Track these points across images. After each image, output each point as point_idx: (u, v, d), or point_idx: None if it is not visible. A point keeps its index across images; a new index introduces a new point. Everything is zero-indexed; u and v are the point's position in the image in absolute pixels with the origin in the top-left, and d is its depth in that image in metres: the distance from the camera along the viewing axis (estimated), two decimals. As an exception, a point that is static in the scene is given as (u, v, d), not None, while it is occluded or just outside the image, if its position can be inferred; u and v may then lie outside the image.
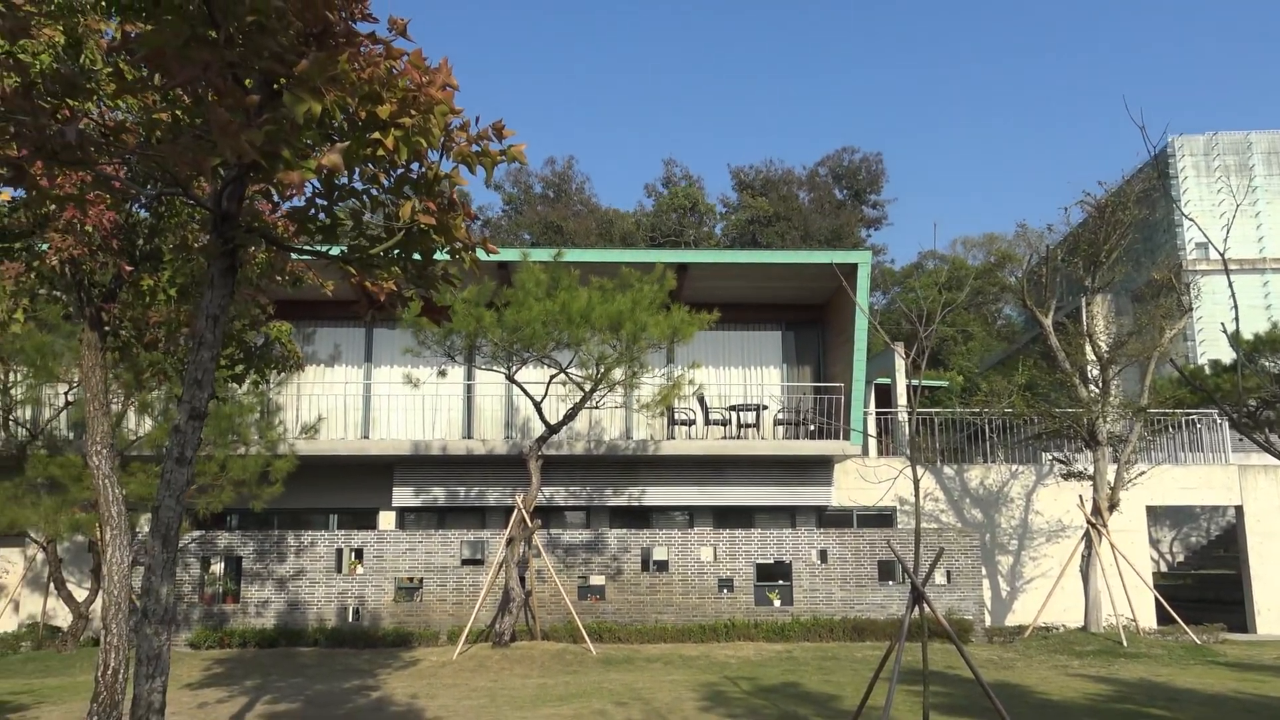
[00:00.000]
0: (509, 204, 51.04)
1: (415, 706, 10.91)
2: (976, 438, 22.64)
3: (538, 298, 15.38)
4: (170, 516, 4.28)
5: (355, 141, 4.18)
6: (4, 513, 15.19)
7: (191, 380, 4.38)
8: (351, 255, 4.70)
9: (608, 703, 10.99)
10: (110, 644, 7.79)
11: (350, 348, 21.32)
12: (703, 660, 14.49)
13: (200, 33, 4.05)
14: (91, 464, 8.28)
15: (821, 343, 21.89)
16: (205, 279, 4.46)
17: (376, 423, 20.81)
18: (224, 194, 4.43)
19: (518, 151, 4.54)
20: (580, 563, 17.54)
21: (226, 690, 12.22)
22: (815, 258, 19.80)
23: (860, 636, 16.68)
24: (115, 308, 8.46)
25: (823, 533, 18.14)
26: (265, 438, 17.09)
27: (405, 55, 4.24)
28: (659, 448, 19.06)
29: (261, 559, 17.21)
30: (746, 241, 46.74)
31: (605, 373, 15.88)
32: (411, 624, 16.95)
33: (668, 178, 52.67)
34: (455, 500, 19.49)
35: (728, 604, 17.43)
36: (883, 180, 52.37)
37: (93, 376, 8.22)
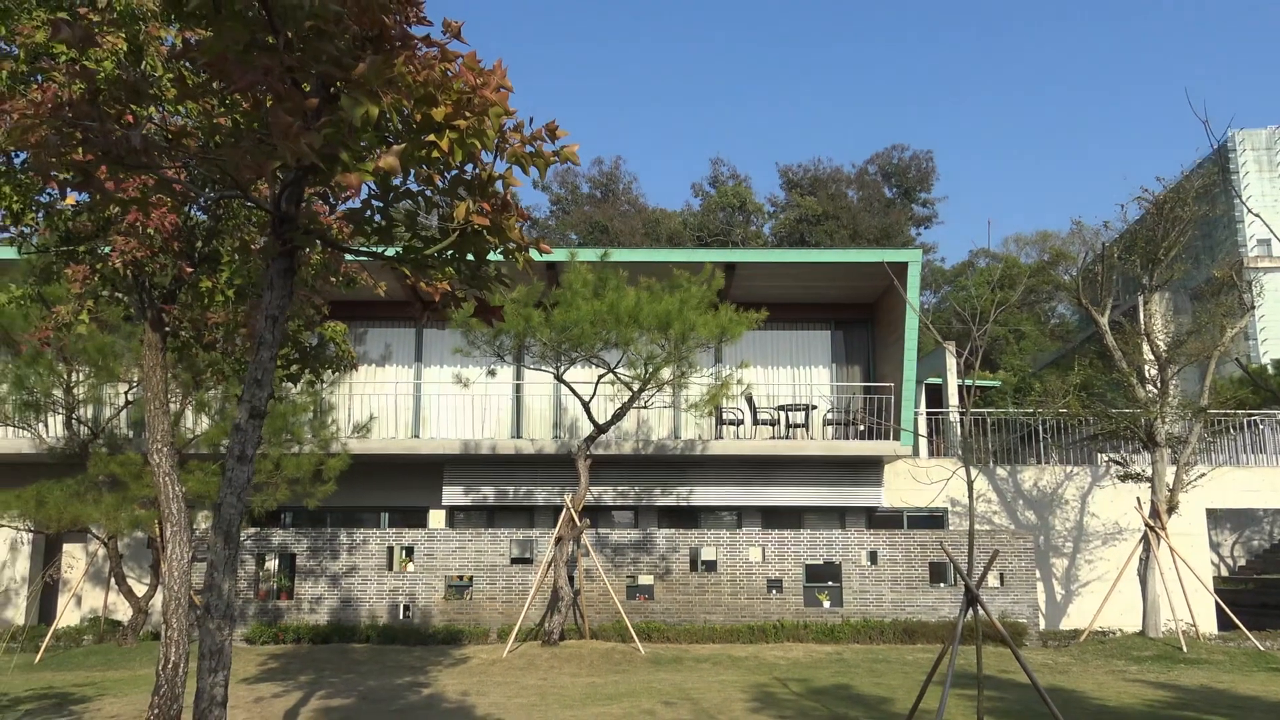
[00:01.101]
0: (556, 204, 51.27)
1: (466, 704, 11.00)
2: (1030, 438, 22.29)
3: (585, 298, 15.43)
4: (232, 514, 4.36)
5: (411, 143, 4.22)
6: (67, 510, 15.55)
7: (251, 379, 4.45)
8: (407, 256, 4.75)
9: (656, 702, 10.99)
10: (171, 638, 7.96)
11: (401, 348, 21.55)
12: (752, 661, 14.44)
13: (260, 38, 4.13)
14: (152, 462, 8.47)
15: (871, 342, 21.70)
16: (265, 280, 4.54)
17: (427, 422, 21.01)
18: (283, 196, 4.50)
19: (570, 152, 4.55)
20: (628, 562, 17.57)
21: (282, 685, 12.41)
22: (865, 256, 19.64)
23: (911, 639, 16.51)
24: (175, 309, 8.65)
25: (873, 534, 17.98)
26: (319, 436, 17.34)
27: (460, 57, 4.28)
28: (707, 448, 19.02)
29: (315, 556, 17.47)
30: (795, 241, 46.49)
31: (653, 372, 15.88)
32: (461, 622, 17.09)
33: (715, 177, 52.56)
34: (504, 499, 19.62)
35: (777, 605, 17.35)
36: (933, 178, 51.82)
37: (153, 376, 8.40)
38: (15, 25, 7.37)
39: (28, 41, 7.29)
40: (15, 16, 7.42)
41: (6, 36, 7.62)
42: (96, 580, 19.20)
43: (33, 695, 11.71)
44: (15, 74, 7.44)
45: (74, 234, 8.19)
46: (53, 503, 15.40)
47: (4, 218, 7.96)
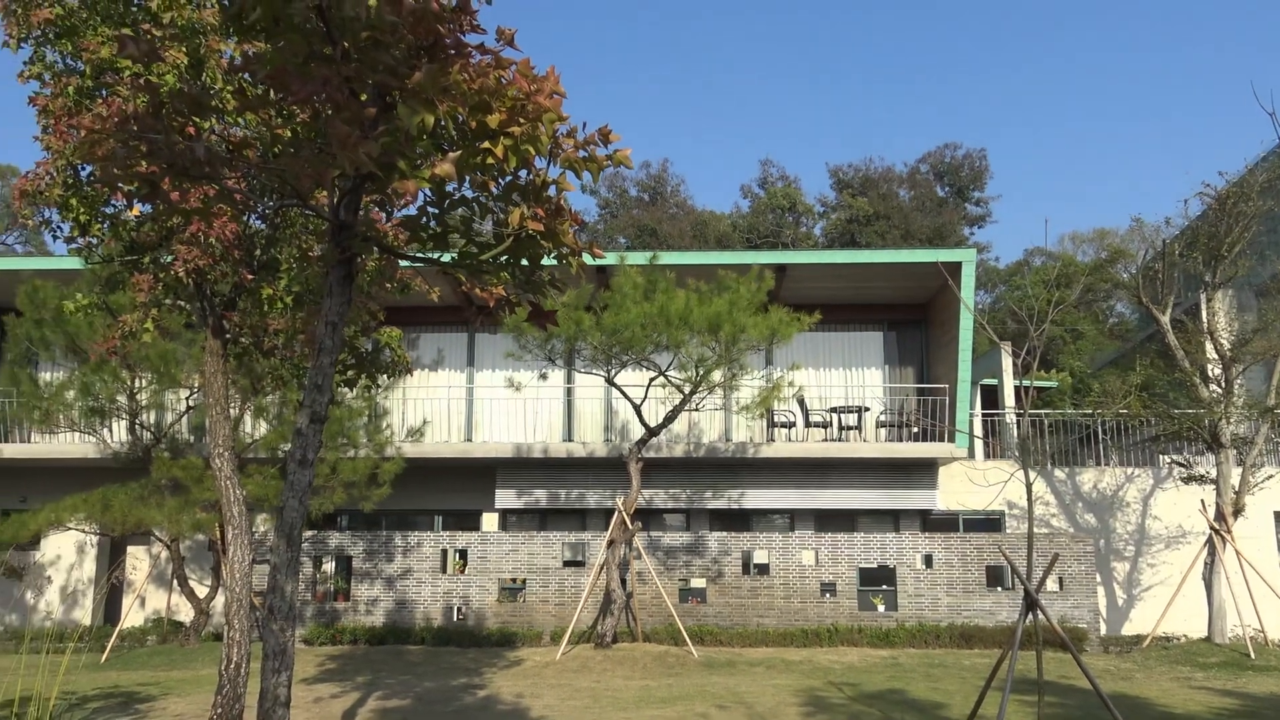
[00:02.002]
0: (604, 208, 51.43)
1: (521, 706, 11.07)
2: (1089, 440, 21.88)
3: (635, 301, 15.45)
4: (294, 516, 4.44)
5: (466, 150, 4.27)
6: (131, 513, 15.93)
7: (312, 385, 4.53)
8: (462, 261, 4.80)
9: (710, 706, 10.97)
10: (233, 639, 8.11)
11: (453, 352, 21.76)
12: (805, 665, 14.35)
13: (318, 50, 4.20)
14: (214, 466, 8.65)
15: (924, 343, 21.46)
16: (324, 287, 4.62)
17: (479, 426, 21.18)
18: (341, 204, 4.58)
19: (624, 156, 4.57)
20: (680, 565, 17.55)
21: (339, 686, 12.59)
22: (918, 256, 19.43)
23: (968, 644, 16.28)
24: (235, 316, 8.82)
25: (928, 537, 17.77)
26: (373, 441, 17.58)
27: (513, 64, 4.32)
28: (759, 450, 18.95)
29: (371, 558, 17.70)
30: (846, 241, 46.13)
31: (704, 375, 15.86)
32: (515, 624, 17.20)
33: (764, 178, 52.35)
34: (556, 502, 19.72)
35: (830, 608, 17.22)
36: (986, 176, 51.09)
37: (215, 382, 8.58)
38: (81, 42, 7.58)
39: (93, 58, 7.50)
40: (81, 34, 7.63)
41: (73, 53, 7.85)
42: (160, 582, 19.64)
43: (100, 694, 12.00)
44: (81, 89, 7.66)
45: (138, 244, 8.39)
46: (117, 506, 15.79)
47: (71, 229, 8.19)
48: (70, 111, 7.47)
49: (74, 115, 7.42)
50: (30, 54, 8.00)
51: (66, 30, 7.71)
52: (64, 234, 8.16)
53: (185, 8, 7.20)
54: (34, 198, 7.79)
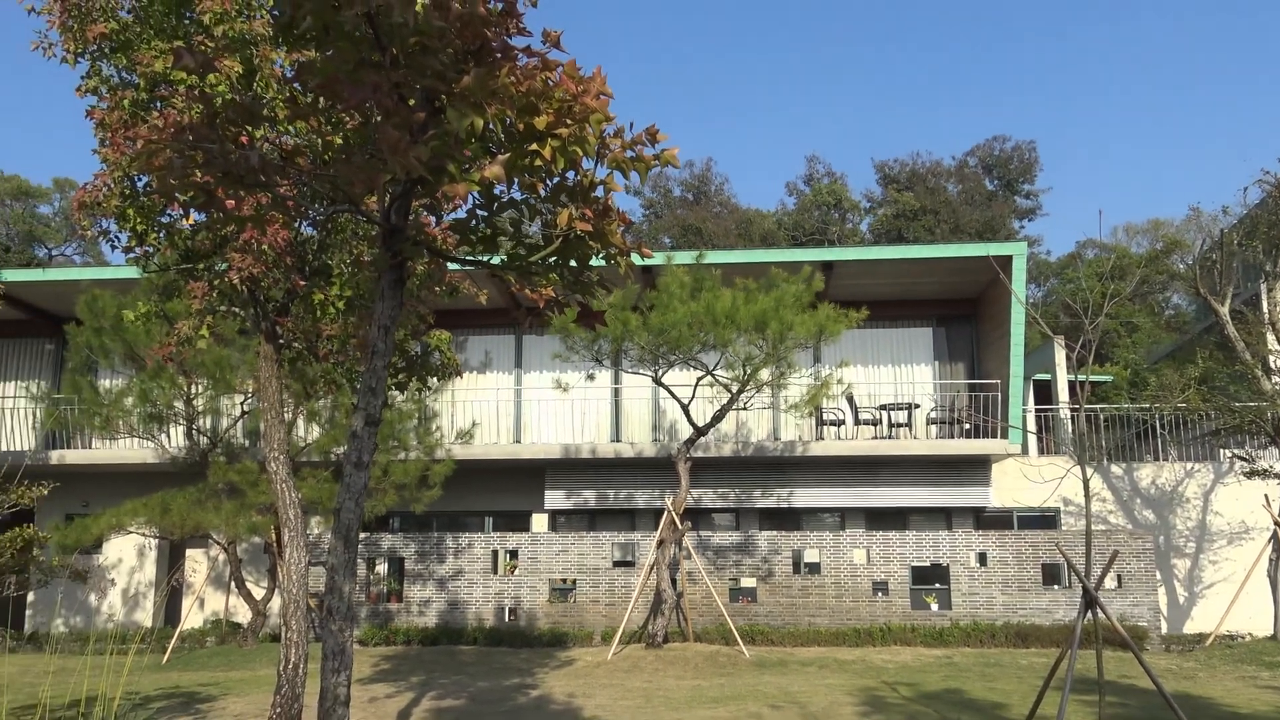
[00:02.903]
0: (649, 208, 51.43)
1: (573, 705, 11.11)
2: (1147, 435, 21.45)
3: (682, 300, 15.44)
4: (350, 518, 4.49)
5: (514, 153, 4.29)
6: (189, 516, 16.23)
7: (366, 388, 4.58)
8: (511, 263, 4.83)
9: (763, 706, 10.92)
10: (290, 639, 8.23)
11: (501, 354, 21.90)
12: (858, 665, 14.23)
13: (367, 57, 4.25)
14: (270, 469, 8.78)
15: (975, 338, 21.19)
16: (376, 291, 4.67)
17: (527, 427, 21.29)
18: (392, 209, 4.62)
19: (671, 155, 4.57)
20: (730, 565, 17.50)
21: (394, 686, 12.72)
22: (967, 251, 19.18)
23: (1024, 643, 16.04)
24: (288, 321, 8.95)
25: (981, 535, 17.55)
26: (424, 443, 17.74)
27: (560, 66, 4.33)
28: (807, 448, 18.83)
29: (422, 560, 17.87)
30: (893, 237, 45.69)
31: (752, 373, 15.80)
32: (566, 624, 17.27)
33: (810, 175, 52.01)
34: (605, 503, 19.76)
35: (882, 607, 17.06)
36: (1036, 169, 50.29)
37: (269, 387, 8.72)
38: (136, 56, 7.74)
39: (147, 70, 7.66)
40: (136, 47, 7.79)
41: (128, 67, 8.02)
42: (217, 584, 20.00)
43: (162, 694, 12.25)
44: (137, 102, 7.82)
45: (193, 252, 8.55)
46: (176, 510, 16.10)
47: (129, 239, 8.37)
48: (126, 124, 7.63)
49: (130, 127, 7.58)
50: (87, 68, 8.19)
51: (121, 44, 7.88)
52: (121, 244, 8.35)
53: (236, 20, 7.33)
54: (92, 209, 7.97)
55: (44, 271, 22.08)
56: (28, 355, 22.61)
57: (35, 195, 47.17)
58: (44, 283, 20.59)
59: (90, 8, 7.64)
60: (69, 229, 47.44)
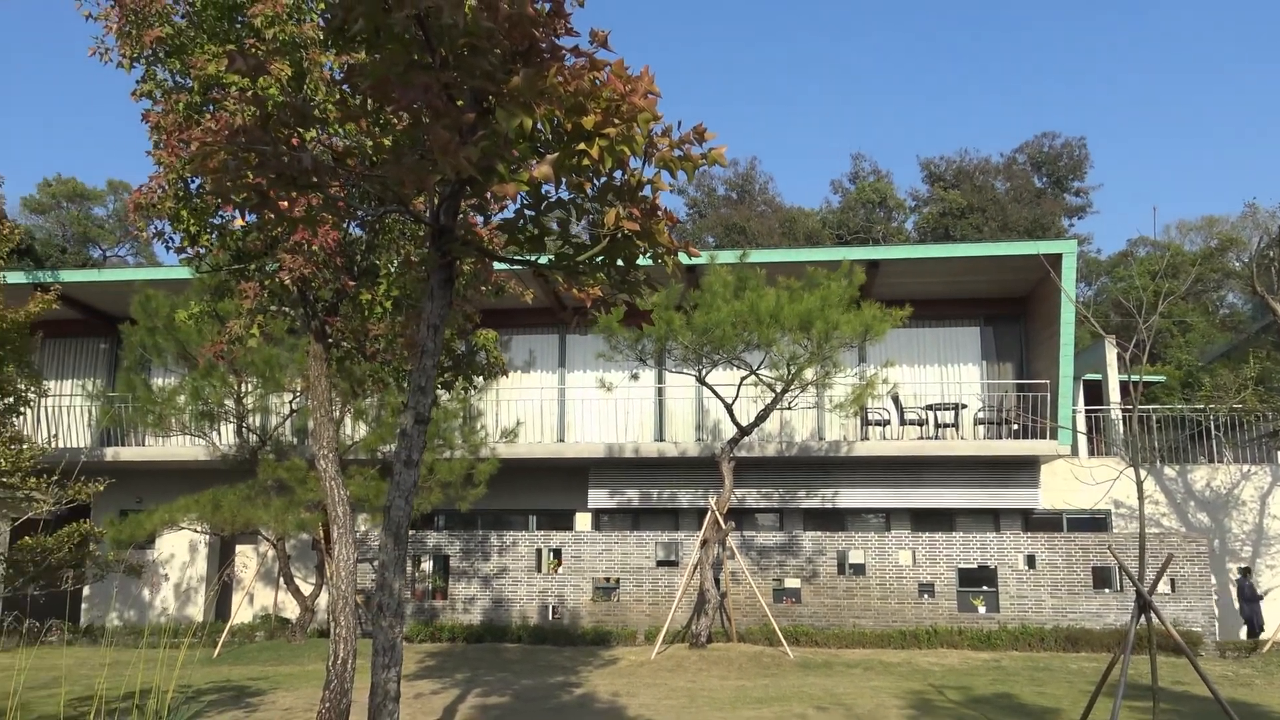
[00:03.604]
0: (692, 207, 51.35)
1: (617, 704, 11.12)
2: (1201, 436, 21.02)
3: (725, 299, 15.40)
4: (400, 516, 4.53)
5: (563, 152, 4.30)
6: (239, 513, 16.48)
7: (415, 387, 4.62)
8: (558, 263, 4.84)
9: (808, 707, 10.85)
10: (339, 635, 8.32)
11: (544, 354, 21.98)
12: (905, 667, 14.10)
13: (418, 58, 4.28)
14: (319, 467, 8.88)
15: (1024, 337, 20.89)
16: (425, 290, 4.71)
17: (571, 426, 21.35)
18: (441, 209, 4.66)
19: (719, 154, 4.56)
20: (774, 565, 17.42)
21: (439, 682, 12.83)
22: (1016, 249, 18.91)
23: (1074, 647, 15.79)
24: (337, 321, 9.05)
25: (1030, 537, 17.31)
26: (469, 442, 17.86)
27: (608, 66, 4.34)
28: (852, 449, 18.69)
29: (467, 558, 18.00)
30: (939, 235, 45.20)
31: (796, 373, 15.72)
32: (609, 623, 17.30)
33: (855, 173, 51.63)
34: (648, 502, 19.76)
35: (929, 610, 16.89)
36: (1086, 166, 49.52)
37: (319, 385, 8.82)
38: (189, 60, 7.88)
39: (200, 74, 7.78)
40: (189, 51, 7.93)
41: (182, 71, 8.16)
42: (267, 580, 20.30)
43: (213, 687, 12.46)
44: (190, 105, 7.96)
45: (244, 253, 8.68)
46: (226, 506, 16.35)
47: (182, 240, 8.51)
48: (180, 127, 7.76)
49: (184, 130, 7.72)
50: (142, 73, 8.34)
51: (176, 49, 8.02)
52: (175, 245, 8.49)
53: (287, 23, 7.43)
54: (147, 210, 8.11)
55: (99, 272, 22.54)
56: (84, 354, 23.10)
57: (90, 197, 48.20)
58: (99, 283, 21.03)
59: (146, 13, 7.78)
60: (122, 230, 48.41)
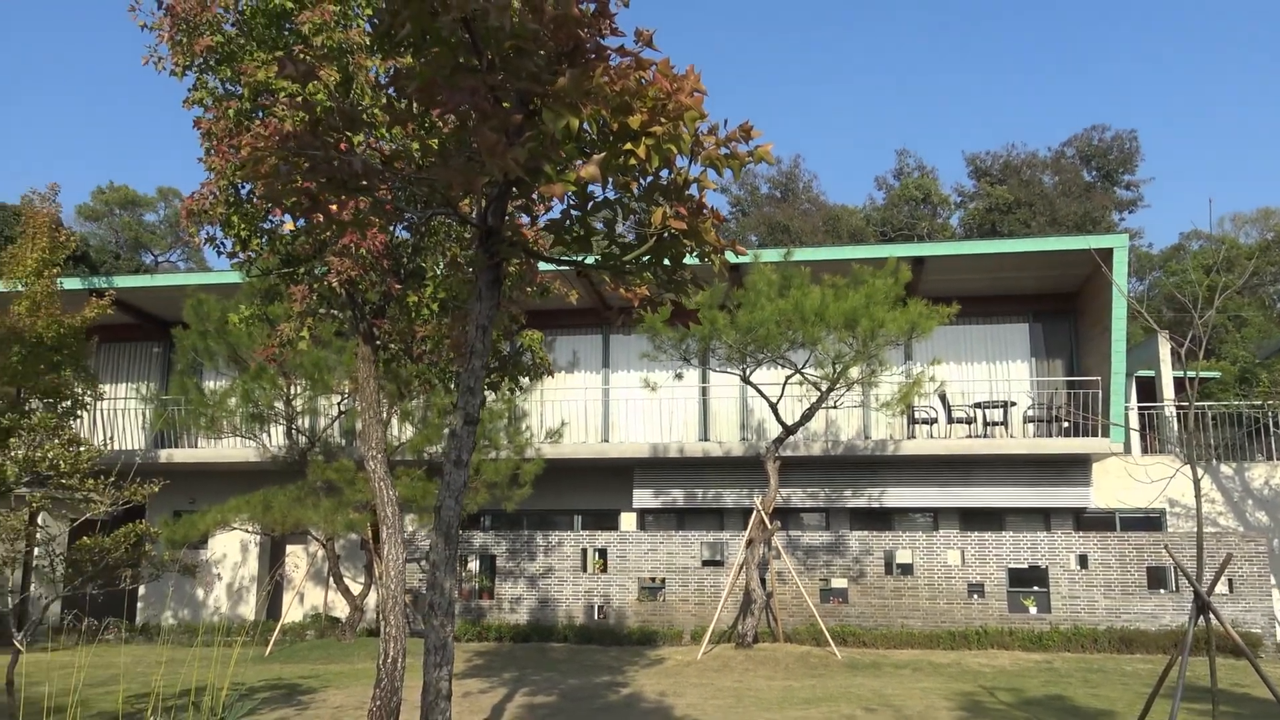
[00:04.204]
0: (735, 206, 51.21)
1: (664, 704, 11.11)
2: (1259, 433, 20.54)
3: (770, 298, 15.34)
4: (450, 515, 4.56)
5: (609, 152, 4.30)
6: (290, 514, 16.71)
7: (465, 388, 4.65)
8: (605, 263, 4.85)
9: (856, 708, 10.77)
10: (389, 634, 8.39)
11: (588, 354, 22.02)
12: (954, 668, 13.94)
13: (464, 61, 4.31)
14: (368, 468, 8.97)
15: (1074, 334, 20.55)
16: (473, 292, 4.74)
17: (615, 426, 21.37)
18: (488, 210, 4.68)
19: (765, 152, 4.53)
20: (821, 565, 17.31)
21: (487, 681, 12.91)
22: (1065, 244, 18.60)
23: (1128, 648, 15.51)
24: (384, 323, 9.14)
25: (1082, 536, 17.03)
26: (514, 442, 17.95)
27: (653, 65, 4.33)
28: (899, 447, 18.51)
29: (513, 557, 18.10)
30: (985, 231, 44.63)
31: (842, 371, 15.61)
32: (655, 623, 17.30)
33: (900, 169, 51.15)
34: (693, 502, 19.73)
35: (978, 610, 16.68)
36: (1137, 159, 48.63)
37: (367, 387, 8.91)
38: (239, 67, 8.01)
39: (250, 80, 7.90)
40: (239, 59, 8.06)
41: (232, 78, 8.29)
42: (317, 579, 20.56)
43: (265, 685, 12.65)
44: (240, 111, 8.08)
45: (293, 257, 8.80)
46: (277, 507, 16.59)
47: (233, 245, 8.65)
48: (230, 133, 7.88)
49: (234, 136, 7.84)
50: (193, 81, 8.49)
51: (226, 56, 8.15)
52: (226, 250, 8.62)
53: (334, 29, 7.52)
54: (199, 216, 8.26)
55: (152, 277, 22.97)
56: (137, 358, 23.55)
57: (141, 204, 49.20)
58: (152, 288, 21.44)
59: (198, 22, 7.92)
60: (173, 236, 49.35)
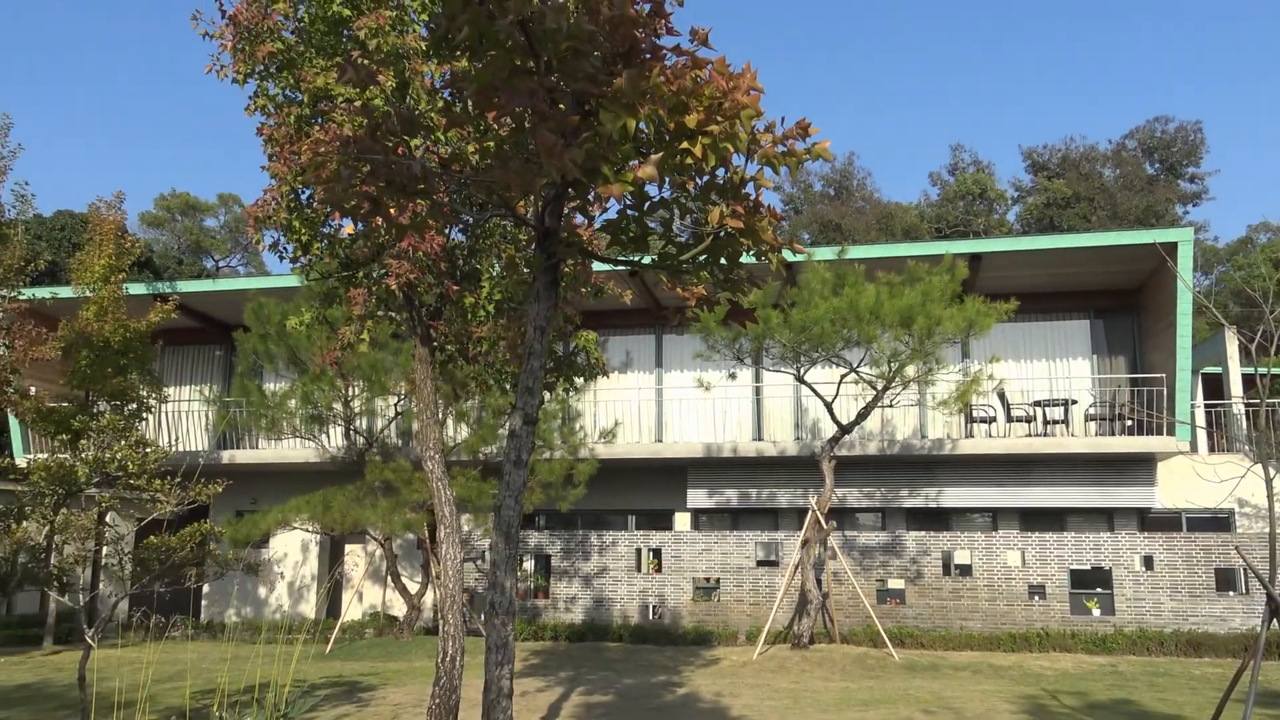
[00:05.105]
0: (788, 204, 50.91)
1: (721, 704, 11.09)
2: (1331, 431, 19.92)
3: (824, 296, 15.23)
4: (510, 515, 4.59)
5: (666, 151, 4.31)
6: (348, 513, 16.96)
7: (524, 388, 4.68)
8: (662, 263, 4.85)
9: (915, 710, 10.65)
10: (448, 633, 8.47)
11: (641, 354, 22.04)
12: (1015, 671, 13.72)
13: (521, 64, 4.34)
14: (426, 468, 9.07)
15: (1137, 330, 20.11)
16: (531, 293, 4.77)
17: (669, 426, 21.37)
18: (545, 212, 4.71)
19: (822, 149, 4.49)
20: (877, 565, 17.15)
21: (543, 680, 12.98)
22: (1128, 238, 18.21)
23: (1196, 652, 15.15)
24: (441, 324, 9.23)
25: (1147, 537, 16.67)
26: (568, 443, 18.04)
27: (709, 64, 4.32)
28: (956, 446, 18.27)
29: (568, 557, 18.18)
30: (1044, 226, 43.84)
31: (898, 370, 15.45)
32: (710, 623, 17.27)
33: (954, 164, 50.48)
34: (747, 502, 19.66)
35: (1039, 612, 16.41)
36: (1202, 150, 47.39)
37: (425, 388, 9.01)
38: (299, 73, 8.14)
39: (310, 87, 8.03)
40: (299, 65, 8.19)
41: (292, 85, 8.43)
42: (375, 578, 20.84)
43: (326, 682, 12.85)
44: (301, 118, 8.22)
45: (351, 260, 8.92)
46: (336, 507, 16.86)
47: (295, 249, 8.79)
48: (292, 139, 8.02)
49: (295, 143, 7.97)
50: (254, 88, 8.65)
51: (286, 63, 8.29)
52: (289, 254, 8.77)
53: (391, 34, 7.62)
54: (264, 222, 8.41)
55: (214, 282, 23.47)
56: (200, 361, 24.08)
57: (202, 210, 50.26)
58: (214, 292, 21.91)
59: (259, 30, 8.07)
60: (233, 241, 50.37)
